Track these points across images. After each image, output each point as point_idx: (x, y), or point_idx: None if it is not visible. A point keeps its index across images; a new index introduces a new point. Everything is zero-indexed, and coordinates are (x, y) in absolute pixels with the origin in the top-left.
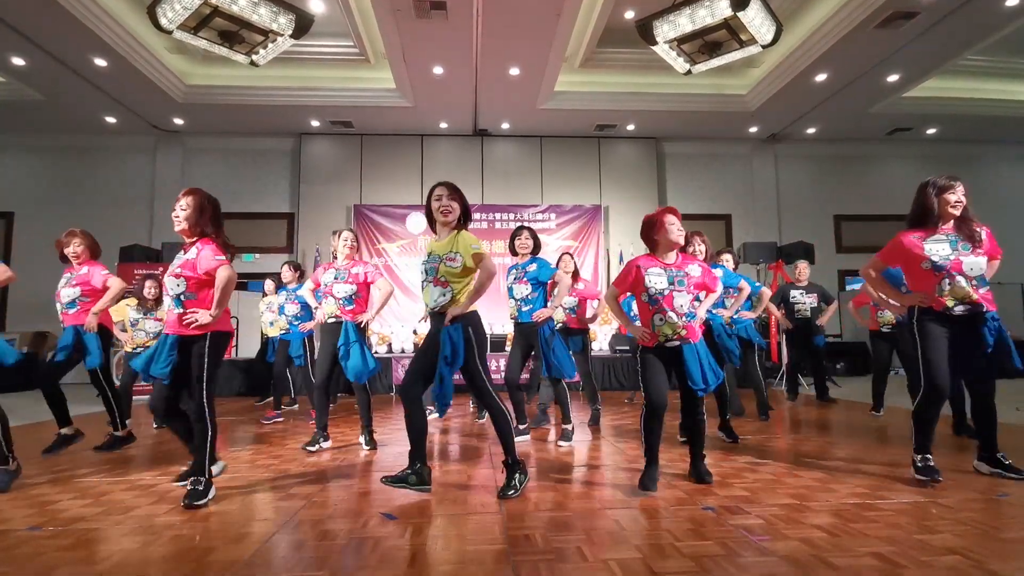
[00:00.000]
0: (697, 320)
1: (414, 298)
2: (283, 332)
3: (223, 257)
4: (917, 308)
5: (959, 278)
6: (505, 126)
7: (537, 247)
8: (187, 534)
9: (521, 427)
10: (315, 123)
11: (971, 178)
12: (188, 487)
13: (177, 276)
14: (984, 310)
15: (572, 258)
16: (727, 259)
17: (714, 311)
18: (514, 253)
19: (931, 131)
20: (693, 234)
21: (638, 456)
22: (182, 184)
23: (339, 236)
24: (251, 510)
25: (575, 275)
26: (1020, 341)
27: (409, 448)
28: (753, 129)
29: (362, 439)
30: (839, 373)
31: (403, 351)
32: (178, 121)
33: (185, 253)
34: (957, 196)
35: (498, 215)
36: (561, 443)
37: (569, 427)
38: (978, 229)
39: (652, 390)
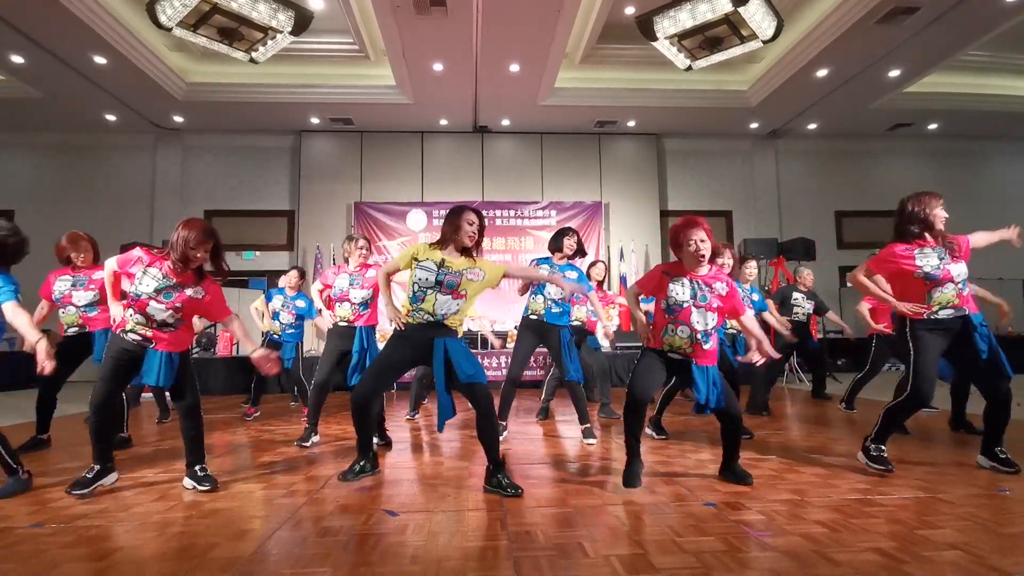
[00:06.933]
0: (710, 347)
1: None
2: (274, 335)
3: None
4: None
5: (948, 285)
6: (505, 123)
7: (581, 252)
8: (189, 531)
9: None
10: (315, 120)
11: (972, 174)
12: (201, 480)
13: (177, 311)
14: (967, 313)
15: (605, 266)
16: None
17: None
18: (557, 251)
19: (932, 127)
20: (724, 247)
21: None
22: (182, 181)
23: (355, 244)
24: (253, 506)
25: (600, 283)
26: (1021, 337)
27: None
28: (754, 125)
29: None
30: (840, 369)
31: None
32: (178, 119)
33: (183, 286)
34: (945, 212)
35: (498, 212)
36: (589, 440)
37: (589, 425)
38: (952, 240)
39: (635, 384)
